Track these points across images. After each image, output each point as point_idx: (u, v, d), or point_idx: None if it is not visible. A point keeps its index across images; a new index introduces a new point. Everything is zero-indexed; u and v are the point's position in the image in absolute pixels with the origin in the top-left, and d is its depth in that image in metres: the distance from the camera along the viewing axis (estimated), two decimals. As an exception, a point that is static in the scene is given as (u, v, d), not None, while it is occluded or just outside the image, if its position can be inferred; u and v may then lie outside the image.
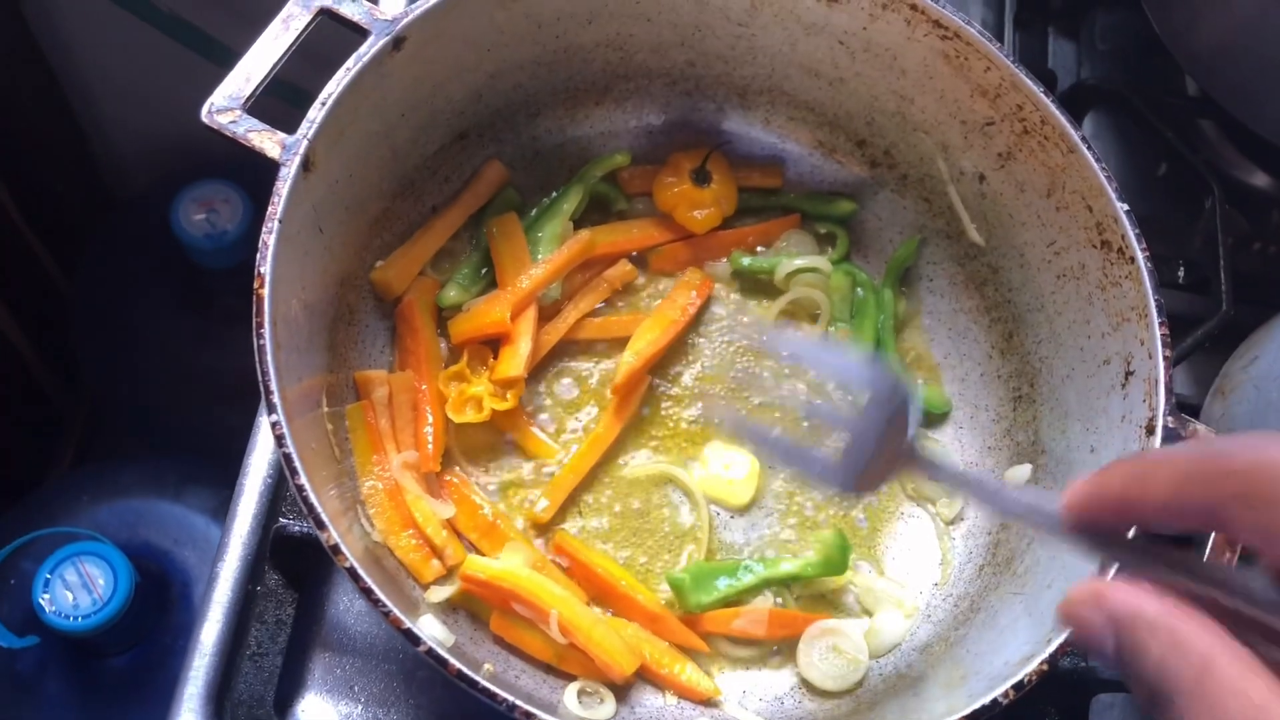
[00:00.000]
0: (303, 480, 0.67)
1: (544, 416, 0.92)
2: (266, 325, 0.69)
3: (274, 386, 0.68)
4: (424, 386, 0.88)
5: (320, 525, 0.66)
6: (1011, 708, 0.88)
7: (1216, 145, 1.20)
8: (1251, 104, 1.07)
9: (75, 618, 1.27)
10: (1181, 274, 1.10)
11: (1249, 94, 1.06)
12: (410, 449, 0.86)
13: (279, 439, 0.67)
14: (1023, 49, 1.18)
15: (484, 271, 0.93)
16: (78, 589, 1.34)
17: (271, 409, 0.68)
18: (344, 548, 0.66)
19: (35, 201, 1.83)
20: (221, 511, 1.06)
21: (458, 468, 0.89)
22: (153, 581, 1.37)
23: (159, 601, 1.40)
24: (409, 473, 0.85)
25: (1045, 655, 0.69)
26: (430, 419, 0.87)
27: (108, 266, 1.85)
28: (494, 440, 0.91)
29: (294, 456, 0.67)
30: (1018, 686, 0.68)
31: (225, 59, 1.53)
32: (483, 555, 0.85)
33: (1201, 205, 1.12)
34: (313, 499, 0.66)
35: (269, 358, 0.69)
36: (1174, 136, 1.13)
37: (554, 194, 0.96)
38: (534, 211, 0.96)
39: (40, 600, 1.27)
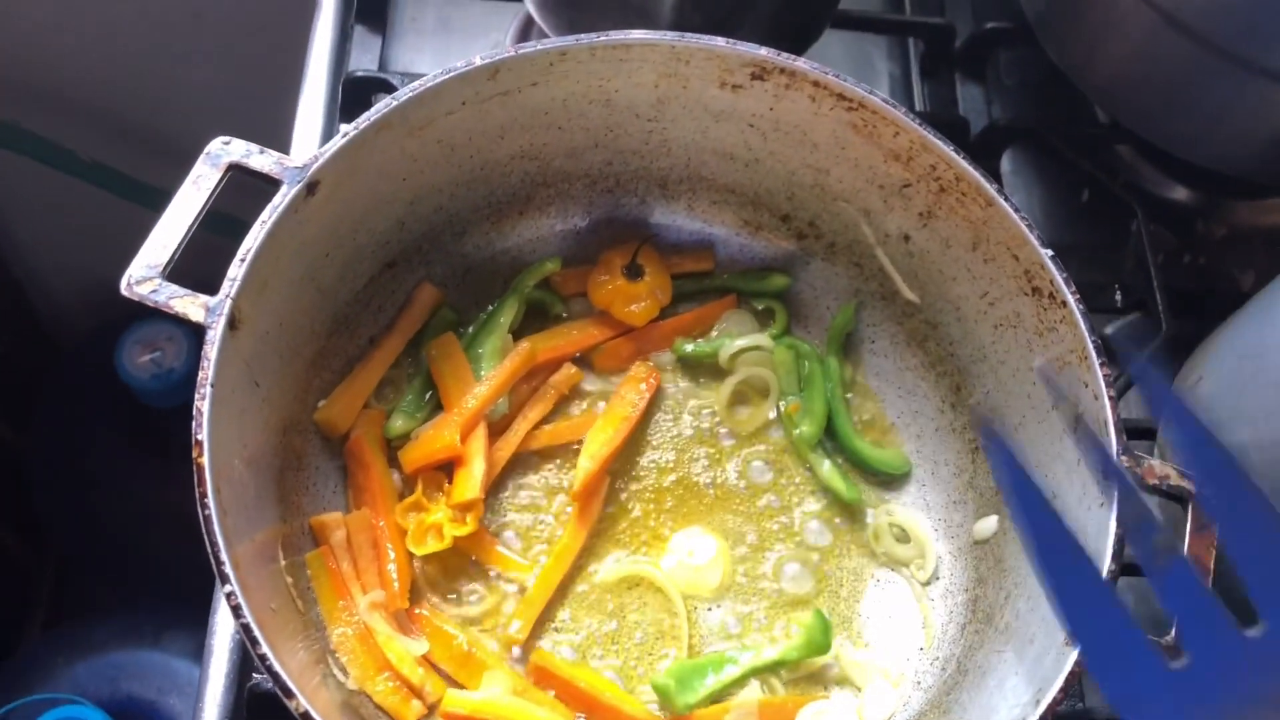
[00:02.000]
0: (264, 650, 0.65)
1: (509, 534, 0.91)
2: (210, 494, 0.68)
3: (224, 557, 0.67)
4: (382, 523, 0.87)
5: (287, 694, 0.65)
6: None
7: (1134, 166, 1.22)
8: (1159, 125, 1.09)
9: (63, 785, 1.24)
10: (1119, 298, 1.11)
11: (1155, 116, 1.08)
12: (376, 588, 0.85)
13: (235, 610, 0.66)
14: (932, 98, 1.20)
15: (428, 396, 0.93)
16: (60, 757, 1.31)
17: (224, 579, 0.67)
18: (314, 714, 0.64)
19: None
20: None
21: (426, 600, 0.88)
22: (139, 734, 1.34)
23: (149, 755, 1.37)
24: (377, 613, 0.84)
25: (1035, 717, 0.68)
26: (392, 555, 0.86)
27: (58, 418, 1.83)
28: (461, 565, 0.90)
29: (253, 627, 0.66)
30: (1012, 755, 0.68)
31: (153, 201, 1.53)
32: (462, 687, 0.84)
33: (1128, 228, 1.13)
34: (276, 667, 0.65)
35: (215, 527, 0.68)
36: (1090, 165, 1.15)
37: (490, 308, 0.96)
38: (471, 328, 0.96)
39: (23, 772, 1.24)
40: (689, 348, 0.97)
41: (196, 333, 0.73)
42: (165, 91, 1.55)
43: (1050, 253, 0.81)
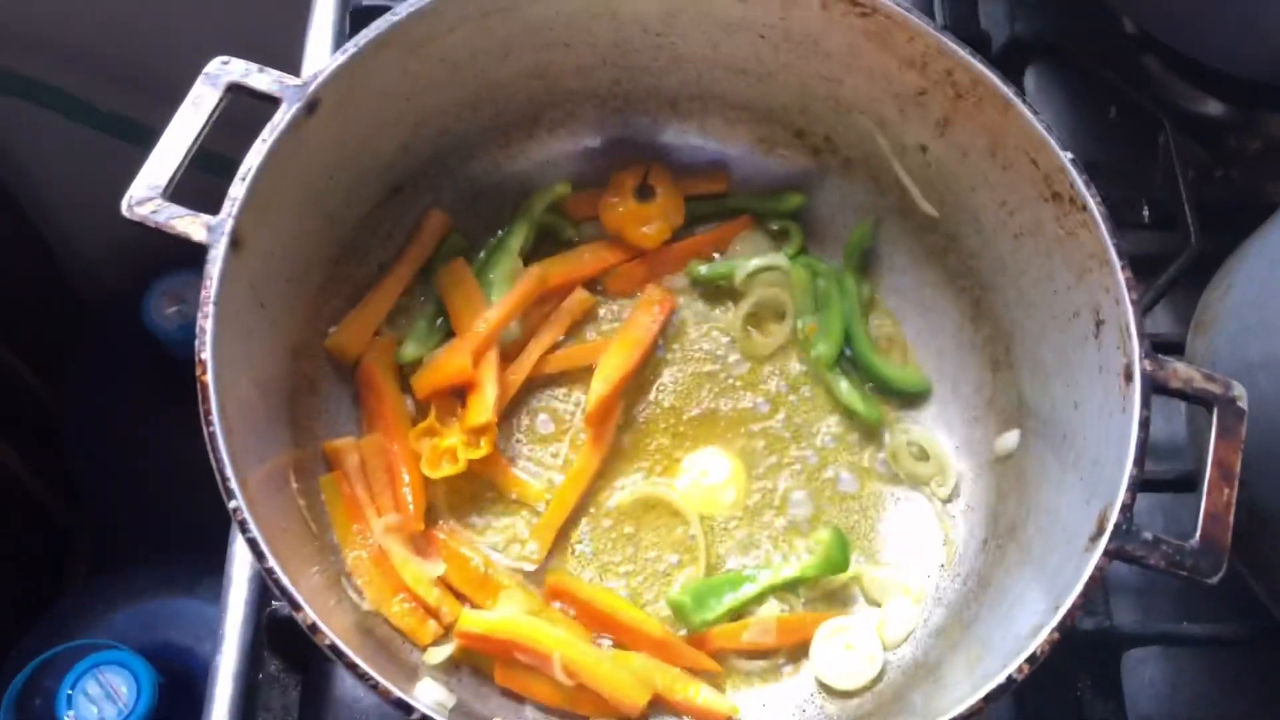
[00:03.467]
0: (271, 563, 0.65)
1: (523, 459, 0.91)
2: (215, 412, 0.68)
3: (229, 473, 0.67)
4: (396, 447, 0.87)
5: (295, 606, 0.64)
6: (1040, 677, 0.86)
7: (1163, 80, 1.18)
8: (1188, 32, 1.05)
9: (101, 729, 1.26)
10: (1146, 214, 1.08)
11: (1183, 23, 1.05)
12: (391, 512, 0.85)
13: (241, 525, 0.66)
14: (952, 12, 1.17)
15: (439, 322, 0.92)
16: (101, 700, 1.33)
17: (230, 495, 0.66)
18: (321, 625, 0.64)
19: (9, 321, 1.83)
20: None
21: (443, 524, 0.87)
22: (178, 680, 1.36)
23: (188, 697, 1.38)
24: (393, 536, 0.84)
25: (1054, 623, 0.67)
26: (407, 479, 0.86)
27: (89, 374, 1.84)
28: (476, 490, 0.89)
29: (259, 540, 0.65)
30: (1031, 660, 0.66)
31: None
32: (479, 608, 0.83)
33: (1156, 143, 1.10)
34: (284, 581, 0.65)
35: (221, 444, 0.67)
36: (1117, 78, 1.11)
37: (500, 233, 0.95)
38: (482, 254, 0.95)
39: (65, 717, 1.26)
40: (703, 270, 0.96)
41: (199, 253, 0.72)
42: (178, 36, 1.54)
43: (1070, 155, 0.79)
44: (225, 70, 0.77)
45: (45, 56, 1.59)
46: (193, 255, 1.50)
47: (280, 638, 0.85)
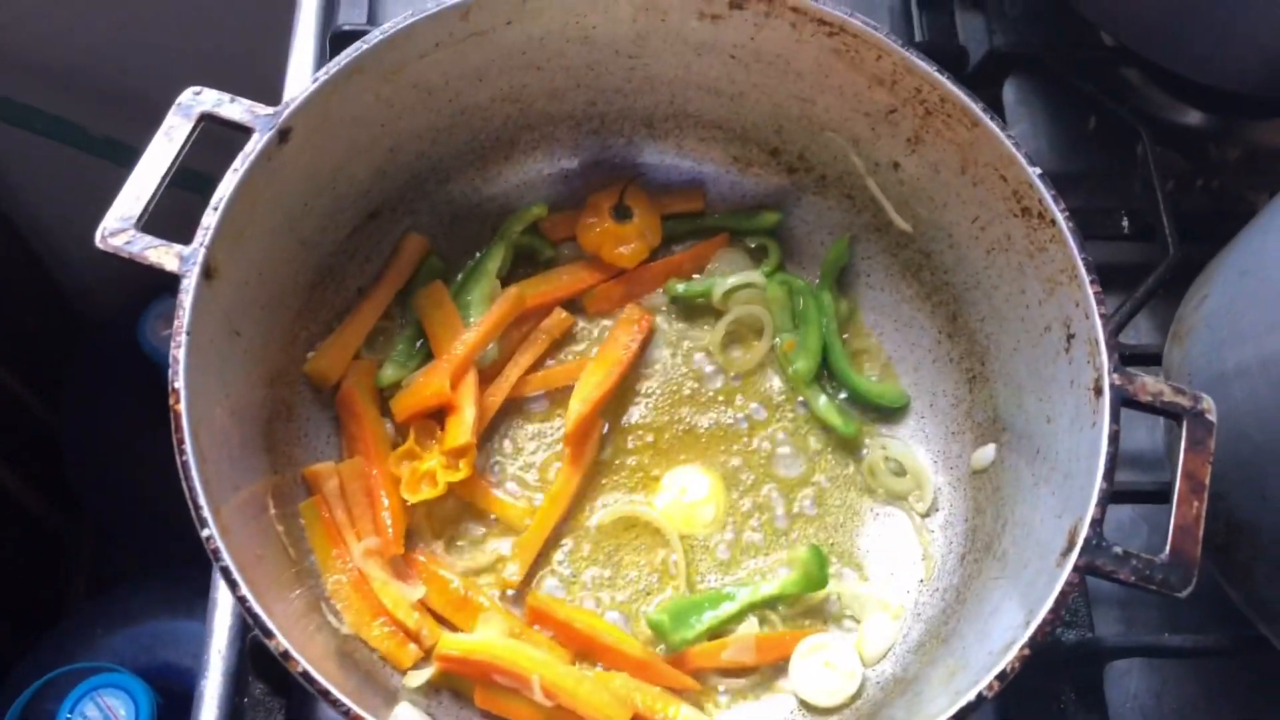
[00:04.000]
0: (244, 591, 0.66)
1: (504, 480, 0.91)
2: (188, 440, 0.69)
3: (202, 502, 0.67)
4: (375, 471, 0.87)
5: (267, 633, 0.65)
6: (1023, 689, 0.87)
7: (1143, 91, 1.18)
8: (1164, 46, 1.06)
9: (101, 752, 1.27)
10: (1126, 224, 1.09)
11: (1160, 37, 1.05)
12: (371, 535, 0.85)
13: (214, 553, 0.66)
14: (931, 27, 1.17)
15: (419, 345, 0.93)
16: (99, 723, 1.33)
17: (203, 524, 0.67)
18: (294, 652, 0.65)
19: (8, 341, 1.84)
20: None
21: (424, 547, 0.88)
22: (177, 701, 1.37)
23: (185, 718, 1.39)
24: (373, 559, 0.84)
25: (1025, 639, 0.67)
26: (386, 502, 0.86)
27: (88, 392, 1.85)
28: (457, 513, 0.90)
29: (232, 569, 0.66)
30: (1001, 676, 0.67)
31: None
32: (459, 631, 0.84)
33: (1135, 153, 1.10)
34: (256, 608, 0.65)
35: (194, 473, 0.68)
36: (1095, 89, 1.12)
37: (478, 255, 0.96)
38: (460, 276, 0.95)
39: (64, 741, 1.26)
40: (681, 287, 0.97)
41: (173, 283, 0.73)
42: (166, 60, 1.55)
43: (1038, 171, 0.79)
44: (198, 100, 0.78)
45: (35, 81, 1.60)
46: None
47: (264, 662, 0.85)
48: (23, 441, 1.90)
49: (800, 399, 0.94)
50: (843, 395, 0.94)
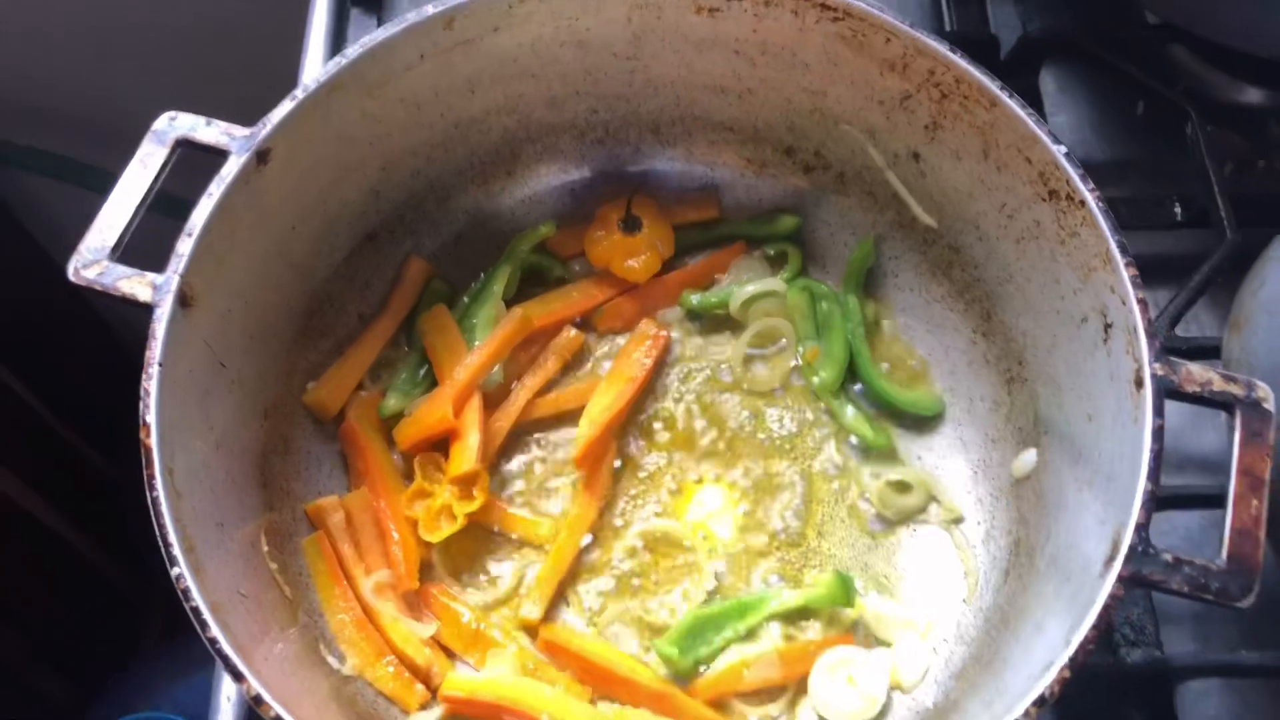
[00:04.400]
0: (214, 632, 0.62)
1: (518, 509, 0.86)
2: (158, 475, 0.65)
3: (172, 539, 0.64)
4: (384, 503, 0.83)
5: (237, 676, 0.61)
6: (1087, 711, 0.80)
7: (1194, 70, 1.11)
8: (1210, 17, 0.99)
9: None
10: (1179, 211, 1.01)
11: (1204, 6, 0.98)
12: (381, 570, 0.81)
13: (184, 593, 0.63)
14: (960, 19, 1.12)
15: (423, 372, 0.89)
16: (163, 769, 1.32)
17: (172, 562, 0.64)
18: (266, 696, 0.61)
19: (67, 396, 1.86)
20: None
21: (437, 583, 0.83)
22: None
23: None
24: (384, 594, 0.80)
25: (1065, 660, 0.61)
26: (396, 536, 0.82)
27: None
28: (470, 546, 0.85)
29: (202, 609, 0.62)
30: (1039, 702, 0.60)
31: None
32: (472, 667, 0.79)
33: (1185, 136, 1.03)
34: (225, 649, 0.61)
35: (164, 509, 0.64)
36: (1142, 73, 1.05)
37: (483, 276, 0.92)
38: (465, 299, 0.91)
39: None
40: (696, 300, 0.92)
41: (148, 312, 0.70)
42: (171, 92, 1.55)
43: (1063, 149, 0.73)
44: (172, 126, 0.76)
45: (37, 123, 1.61)
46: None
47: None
48: (86, 496, 1.91)
49: (825, 410, 0.88)
50: (873, 408, 0.88)
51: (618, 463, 0.87)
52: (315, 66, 1.07)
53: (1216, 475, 0.89)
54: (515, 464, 0.88)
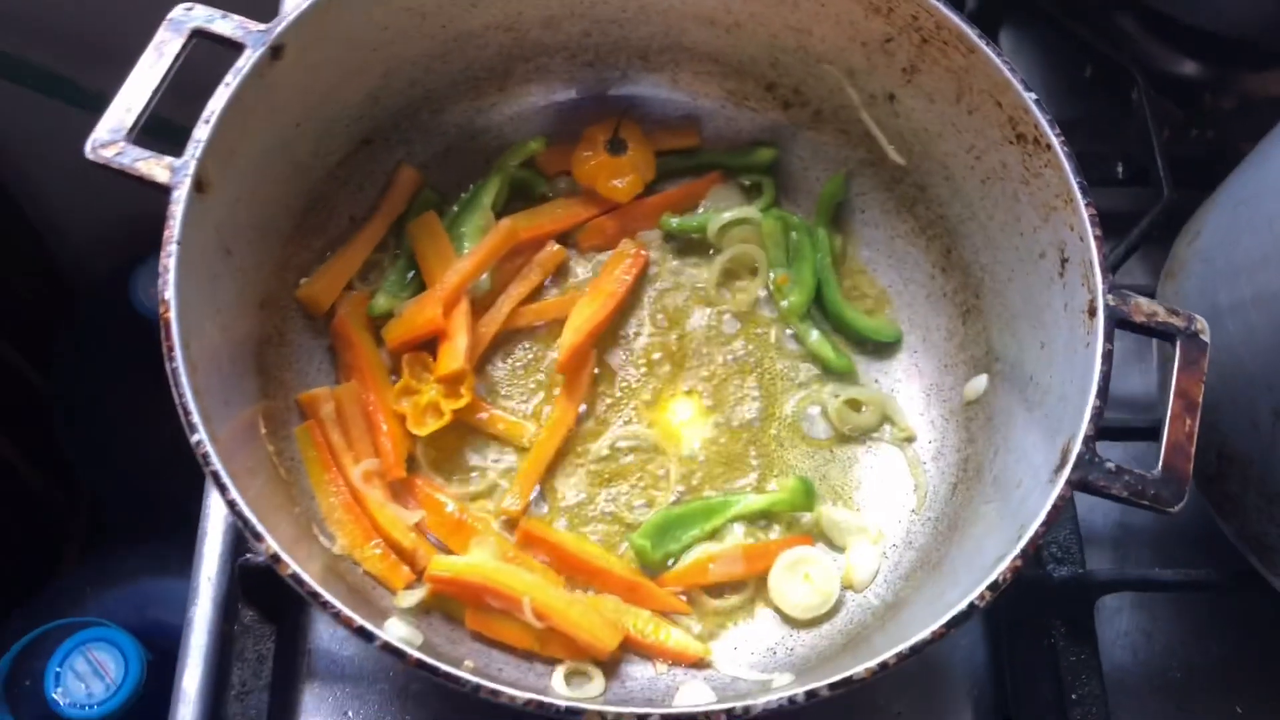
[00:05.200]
0: (234, 495, 0.65)
1: (500, 411, 0.91)
2: (178, 347, 0.68)
3: (192, 407, 0.67)
4: (373, 396, 0.87)
5: (257, 536, 0.65)
6: (1014, 624, 0.87)
7: (1140, 40, 1.18)
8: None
9: (90, 706, 1.25)
10: (1120, 170, 1.09)
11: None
12: (369, 459, 0.85)
13: (204, 458, 0.66)
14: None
15: (411, 276, 0.92)
16: (89, 677, 1.32)
17: (192, 429, 0.67)
18: (284, 556, 0.64)
19: (-1, 305, 1.84)
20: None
21: (422, 476, 0.87)
22: (167, 659, 1.36)
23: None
24: (372, 481, 0.84)
25: (1017, 551, 0.67)
26: (385, 427, 0.86)
27: (79, 358, 1.84)
28: (454, 441, 0.89)
29: (221, 473, 0.65)
30: (992, 587, 0.66)
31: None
32: (453, 555, 0.84)
33: (1131, 100, 1.10)
34: (245, 511, 0.65)
35: (184, 379, 0.67)
36: (1090, 34, 1.12)
37: (472, 188, 0.95)
38: (454, 208, 0.95)
39: (54, 695, 1.25)
40: (675, 222, 0.96)
41: (163, 192, 0.72)
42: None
43: (1034, 96, 0.79)
44: (189, 16, 0.77)
45: (22, 32, 1.59)
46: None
47: (254, 587, 0.85)
48: (14, 406, 1.89)
49: (791, 332, 0.94)
50: (836, 333, 0.94)
51: (596, 370, 0.92)
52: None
53: (1139, 413, 0.98)
54: (498, 368, 0.92)
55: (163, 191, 0.73)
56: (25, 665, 1.40)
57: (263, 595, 0.85)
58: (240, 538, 0.88)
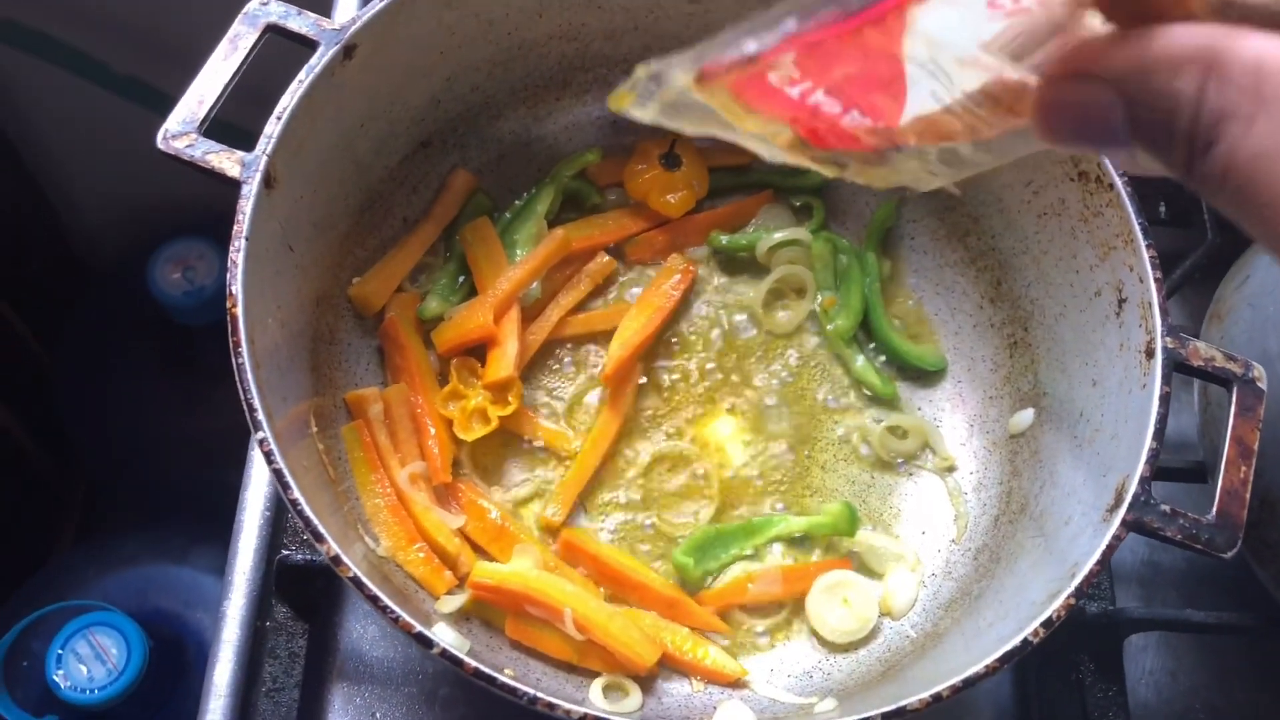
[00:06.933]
0: (296, 494, 0.65)
1: (545, 420, 0.91)
2: (244, 342, 0.68)
3: (257, 403, 0.67)
4: (420, 399, 0.87)
5: (319, 538, 0.65)
6: (1045, 659, 0.87)
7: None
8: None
9: (91, 690, 1.24)
10: (1163, 209, 1.09)
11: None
12: (415, 461, 0.85)
13: (268, 455, 0.66)
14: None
15: (461, 280, 0.92)
16: (91, 661, 1.31)
17: (257, 426, 0.66)
18: (345, 558, 0.64)
19: (10, 280, 1.82)
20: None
21: (466, 477, 0.87)
22: (167, 646, 1.35)
23: (175, 666, 1.37)
24: (417, 484, 0.84)
25: (1071, 589, 0.68)
26: (433, 431, 0.86)
27: (89, 339, 1.84)
28: (500, 448, 0.89)
29: (285, 471, 0.65)
30: (1046, 624, 0.67)
31: None
32: (495, 561, 0.84)
33: (1174, 139, 1.11)
34: (308, 512, 0.65)
35: (249, 375, 0.67)
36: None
37: (526, 195, 0.96)
38: (507, 215, 0.95)
39: (54, 677, 1.24)
40: (725, 240, 0.96)
41: (232, 187, 0.72)
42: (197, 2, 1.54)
43: (1098, 135, 0.79)
44: (264, 11, 0.78)
45: (56, 11, 1.58)
46: (199, 222, 1.49)
47: (289, 585, 0.85)
48: (21, 383, 1.88)
49: (836, 356, 0.94)
50: (881, 359, 0.94)
51: (642, 379, 0.92)
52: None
53: (1178, 454, 0.98)
54: (544, 377, 0.92)
55: (232, 185, 0.73)
56: (26, 645, 1.39)
57: (297, 593, 0.85)
58: (276, 534, 0.88)
